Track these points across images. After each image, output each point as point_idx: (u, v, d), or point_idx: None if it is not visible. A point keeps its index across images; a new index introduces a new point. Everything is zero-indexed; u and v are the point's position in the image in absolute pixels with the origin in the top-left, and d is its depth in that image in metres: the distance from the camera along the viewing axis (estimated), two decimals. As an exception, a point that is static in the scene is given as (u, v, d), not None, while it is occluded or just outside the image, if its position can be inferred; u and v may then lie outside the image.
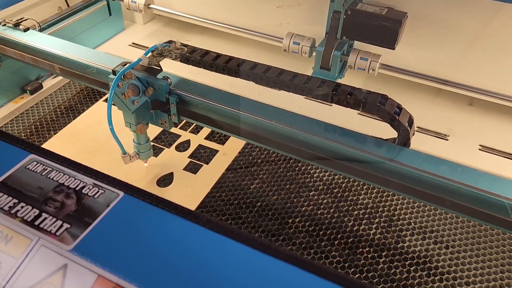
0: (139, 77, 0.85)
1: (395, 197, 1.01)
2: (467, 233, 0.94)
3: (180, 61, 0.89)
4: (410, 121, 0.77)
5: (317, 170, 1.07)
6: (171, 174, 1.06)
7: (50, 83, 1.32)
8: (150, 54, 0.87)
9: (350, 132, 0.79)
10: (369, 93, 0.78)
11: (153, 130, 1.16)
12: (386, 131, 0.81)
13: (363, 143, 0.76)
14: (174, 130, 1.18)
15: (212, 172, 1.06)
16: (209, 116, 0.87)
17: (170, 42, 0.90)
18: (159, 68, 0.87)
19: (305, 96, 1.27)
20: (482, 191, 0.68)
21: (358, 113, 1.22)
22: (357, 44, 1.17)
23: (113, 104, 0.83)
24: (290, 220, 0.96)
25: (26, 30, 1.07)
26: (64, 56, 0.99)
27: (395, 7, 1.06)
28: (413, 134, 0.78)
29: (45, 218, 0.44)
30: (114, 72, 0.83)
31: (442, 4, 1.09)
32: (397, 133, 0.77)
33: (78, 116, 1.22)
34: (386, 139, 0.79)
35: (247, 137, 0.86)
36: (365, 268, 0.87)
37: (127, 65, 0.83)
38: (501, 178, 0.71)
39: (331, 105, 1.25)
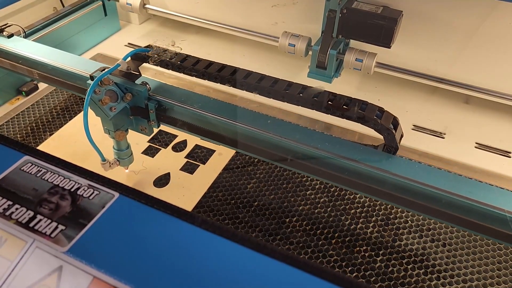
0: (117, 82, 0.82)
1: (392, 196, 1.01)
2: (464, 231, 0.94)
3: (172, 69, 0.87)
4: (395, 123, 0.75)
5: (314, 169, 1.07)
6: (168, 174, 1.06)
7: (45, 84, 1.31)
8: (129, 59, 0.85)
9: (342, 140, 0.78)
10: (349, 99, 0.75)
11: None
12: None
13: (355, 153, 0.75)
14: (170, 130, 1.18)
15: (209, 172, 1.06)
16: (188, 122, 0.84)
17: (149, 46, 0.88)
18: (137, 73, 0.84)
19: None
20: (475, 202, 0.67)
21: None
22: (353, 43, 1.17)
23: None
24: (287, 219, 0.96)
25: (10, 36, 1.06)
26: (45, 62, 0.97)
27: (391, 5, 1.06)
28: (402, 136, 0.77)
29: (40, 220, 0.44)
30: (92, 78, 0.81)
31: (437, 2, 1.09)
32: (383, 138, 0.75)
33: (74, 117, 1.22)
34: (377, 146, 0.78)
35: (229, 144, 0.83)
36: (362, 267, 0.87)
37: (105, 70, 0.81)
38: (495, 188, 0.70)
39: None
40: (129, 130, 0.92)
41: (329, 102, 0.76)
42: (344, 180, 0.75)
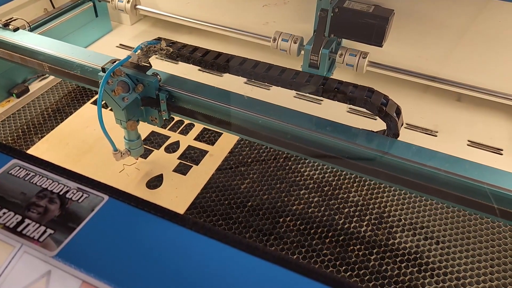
0: (128, 74, 0.85)
1: (385, 194, 1.02)
2: (457, 228, 0.94)
3: (169, 57, 0.90)
4: (398, 111, 0.78)
5: (308, 169, 1.07)
6: (161, 175, 1.05)
7: (36, 86, 1.31)
8: (139, 51, 0.87)
9: (341, 125, 0.80)
10: (355, 86, 0.79)
11: (141, 132, 1.15)
12: (374, 127, 0.81)
13: (355, 136, 0.77)
14: (163, 131, 1.17)
15: (202, 173, 1.06)
16: (199, 112, 0.87)
17: (159, 39, 0.90)
18: (148, 65, 0.87)
19: (294, 95, 1.27)
20: (469, 179, 0.71)
21: (348, 111, 1.22)
22: (345, 42, 1.17)
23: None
24: (281, 219, 0.95)
25: (16, 30, 1.06)
26: (55, 55, 0.98)
27: (382, 4, 1.06)
28: (402, 125, 0.79)
29: (28, 224, 0.43)
30: (103, 70, 0.83)
31: (428, 1, 1.09)
32: (385, 124, 0.77)
33: (65, 118, 1.21)
34: (377, 131, 0.80)
35: (238, 131, 0.87)
36: (357, 265, 0.87)
37: (117, 62, 0.83)
38: (487, 167, 0.73)
39: (320, 104, 1.25)
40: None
41: (336, 89, 0.80)
42: (346, 162, 0.78)
